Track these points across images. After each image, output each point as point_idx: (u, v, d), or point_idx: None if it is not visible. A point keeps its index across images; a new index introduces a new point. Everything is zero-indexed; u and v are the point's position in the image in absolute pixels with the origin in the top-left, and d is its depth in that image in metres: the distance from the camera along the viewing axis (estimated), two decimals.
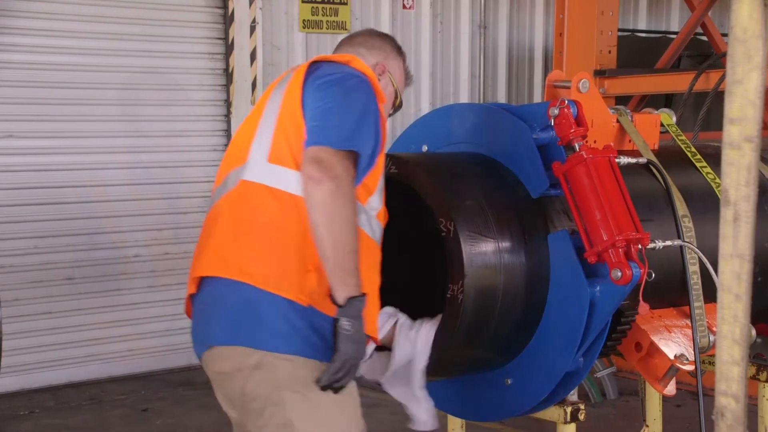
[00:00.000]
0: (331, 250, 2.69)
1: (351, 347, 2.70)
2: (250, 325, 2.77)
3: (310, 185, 2.69)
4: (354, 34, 3.28)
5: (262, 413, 2.80)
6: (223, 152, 7.74)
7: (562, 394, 3.26)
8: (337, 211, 2.68)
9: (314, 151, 2.73)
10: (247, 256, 2.79)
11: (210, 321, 2.87)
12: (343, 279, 2.71)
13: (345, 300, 2.70)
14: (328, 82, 2.86)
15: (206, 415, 6.61)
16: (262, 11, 7.87)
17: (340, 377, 2.71)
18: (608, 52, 7.26)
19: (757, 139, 1.69)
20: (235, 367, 2.81)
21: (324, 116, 2.79)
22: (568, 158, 3.17)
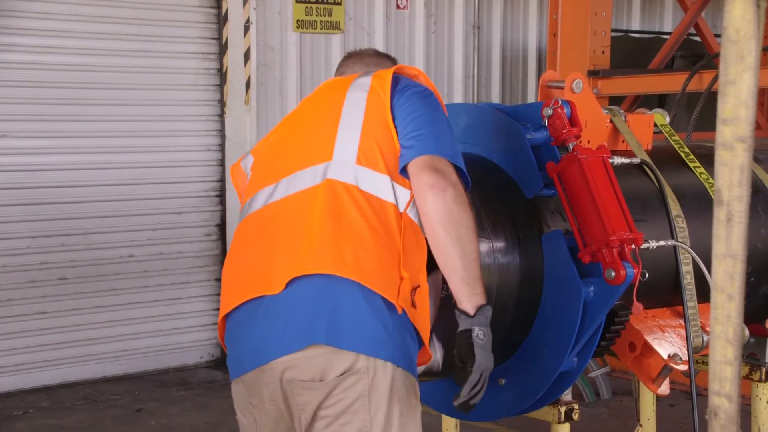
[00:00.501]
0: (459, 258, 2.64)
1: (486, 357, 2.67)
2: (349, 326, 2.62)
3: (433, 193, 2.65)
4: (362, 53, 3.27)
5: (335, 420, 2.66)
6: (217, 152, 7.81)
7: (556, 393, 3.26)
8: (463, 219, 2.65)
9: (428, 159, 2.70)
10: (348, 253, 2.65)
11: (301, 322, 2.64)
12: (472, 288, 2.67)
13: (476, 309, 2.67)
14: (417, 94, 2.84)
15: (200, 415, 6.61)
16: (256, 11, 7.86)
17: (478, 389, 2.67)
18: (602, 52, 7.26)
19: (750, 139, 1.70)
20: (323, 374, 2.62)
21: (425, 126, 2.77)
22: (562, 158, 3.17)
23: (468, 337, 2.67)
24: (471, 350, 2.66)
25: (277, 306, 2.69)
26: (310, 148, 2.86)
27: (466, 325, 2.67)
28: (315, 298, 2.65)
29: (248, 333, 2.75)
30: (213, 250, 7.95)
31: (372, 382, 2.63)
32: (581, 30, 7.22)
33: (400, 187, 2.76)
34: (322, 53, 8.26)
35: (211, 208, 7.94)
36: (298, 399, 2.70)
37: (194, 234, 7.87)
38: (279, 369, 2.68)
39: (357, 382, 2.63)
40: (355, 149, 2.77)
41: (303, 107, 3.09)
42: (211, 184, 7.91)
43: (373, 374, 2.63)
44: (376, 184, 2.74)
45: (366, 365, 2.63)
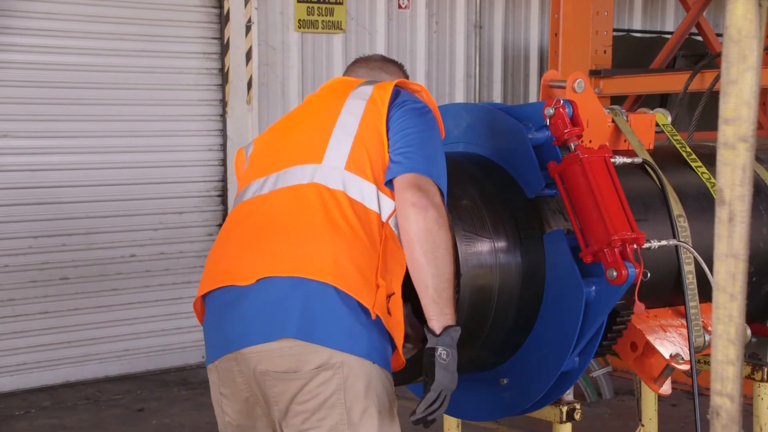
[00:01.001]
0: (431, 278, 2.68)
1: (447, 377, 2.69)
2: (324, 323, 2.66)
3: (414, 212, 2.69)
4: (368, 59, 3.30)
5: (312, 414, 2.69)
6: (218, 152, 7.81)
7: (558, 393, 3.26)
8: (441, 240, 2.69)
9: (413, 178, 2.75)
10: (327, 257, 2.69)
11: (273, 315, 2.69)
12: (441, 308, 2.70)
13: (442, 329, 2.69)
14: (414, 110, 2.87)
15: (202, 415, 6.61)
16: (258, 11, 7.87)
17: (435, 408, 2.68)
18: (603, 52, 7.26)
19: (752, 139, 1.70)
20: (298, 366, 2.66)
21: (416, 144, 2.81)
22: (564, 158, 3.17)
23: (431, 356, 2.70)
24: (432, 368, 2.69)
25: (250, 297, 2.73)
26: (303, 148, 2.90)
27: (432, 344, 2.71)
28: (287, 294, 2.69)
29: (221, 320, 2.81)
30: None
31: (347, 377, 2.67)
32: (583, 29, 7.22)
33: (385, 197, 2.80)
34: (323, 53, 8.26)
35: (213, 207, 7.94)
36: (273, 390, 2.73)
37: (196, 234, 7.88)
38: (253, 360, 2.72)
39: (332, 376, 2.66)
40: (346, 155, 2.82)
41: (306, 105, 3.13)
42: (212, 184, 7.92)
43: (349, 370, 2.66)
44: (362, 191, 2.78)
45: (341, 360, 2.66)
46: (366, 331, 2.69)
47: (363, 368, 2.68)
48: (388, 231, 2.78)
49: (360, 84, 3.00)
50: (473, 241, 3.11)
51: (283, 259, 2.72)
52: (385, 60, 3.30)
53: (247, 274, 2.75)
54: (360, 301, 2.68)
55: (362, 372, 2.68)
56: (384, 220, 2.78)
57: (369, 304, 2.69)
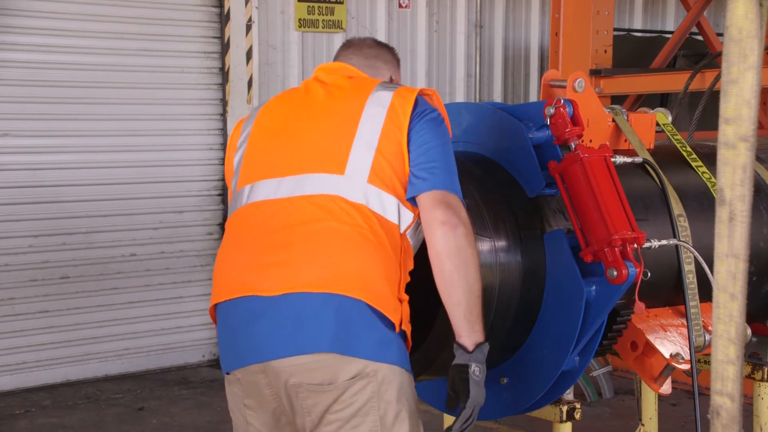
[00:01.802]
0: (463, 295, 2.69)
1: (479, 393, 2.72)
2: (357, 335, 2.67)
3: (444, 229, 2.69)
4: (361, 44, 3.21)
5: (346, 422, 2.70)
6: (219, 151, 7.81)
7: (558, 393, 3.26)
8: (472, 257, 2.71)
9: (442, 195, 2.75)
10: (356, 273, 2.70)
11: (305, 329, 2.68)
12: (473, 325, 2.72)
13: (474, 346, 2.71)
14: (433, 121, 2.85)
15: (202, 414, 6.61)
16: (258, 10, 7.87)
17: (469, 424, 2.71)
18: (604, 51, 7.26)
19: (753, 138, 1.70)
20: (333, 378, 2.67)
21: (439, 159, 2.80)
22: (564, 157, 3.17)
23: (464, 372, 2.71)
24: (466, 385, 2.71)
25: (277, 309, 2.70)
26: (322, 154, 2.84)
27: (464, 360, 2.72)
28: (320, 308, 2.68)
29: (243, 330, 2.76)
30: (215, 249, 7.94)
31: (381, 385, 2.68)
32: (583, 29, 7.21)
33: (405, 210, 2.80)
34: (324, 52, 8.26)
35: (213, 207, 7.94)
36: (306, 402, 2.71)
37: (196, 233, 7.88)
38: (284, 372, 2.70)
39: (366, 385, 2.68)
40: (368, 167, 2.79)
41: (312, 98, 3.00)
42: (212, 183, 7.91)
43: (382, 377, 2.68)
44: (383, 204, 2.77)
45: (375, 369, 2.68)
46: (395, 341, 2.72)
47: (395, 375, 2.71)
48: (405, 243, 2.80)
49: (378, 87, 2.93)
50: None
51: (312, 273, 2.70)
52: (378, 46, 3.22)
53: (273, 286, 2.72)
54: (388, 316, 2.70)
55: (395, 378, 2.71)
56: (402, 232, 2.78)
57: (396, 319, 2.72)
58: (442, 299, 2.74)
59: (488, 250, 3.13)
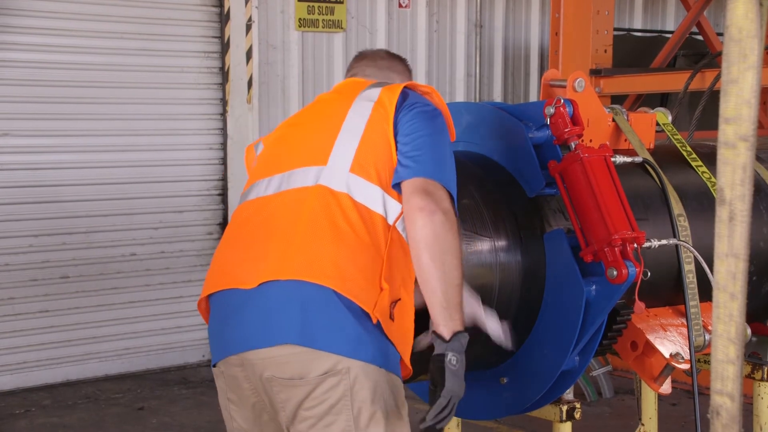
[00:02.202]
0: (439, 283, 2.64)
1: (456, 383, 2.66)
2: (327, 329, 2.64)
3: (421, 216, 2.65)
4: (374, 55, 3.24)
5: (319, 420, 2.68)
6: (219, 151, 7.81)
7: (558, 392, 3.26)
8: (449, 245, 2.65)
9: (422, 182, 2.71)
10: (327, 261, 2.67)
11: (274, 320, 2.67)
12: (450, 313, 2.66)
13: (452, 334, 2.66)
14: (424, 113, 2.84)
15: (202, 414, 6.61)
16: (258, 10, 7.86)
17: (445, 415, 2.66)
18: (604, 51, 7.26)
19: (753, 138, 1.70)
20: (304, 372, 2.65)
21: (425, 148, 2.77)
22: (564, 157, 3.17)
23: (441, 362, 2.67)
24: (442, 375, 2.66)
25: (252, 301, 2.72)
26: (309, 149, 2.88)
27: (441, 350, 2.67)
28: (287, 299, 2.67)
29: (224, 322, 2.81)
30: (215, 248, 7.91)
31: (354, 383, 2.65)
32: (583, 29, 7.21)
33: (392, 200, 2.77)
34: (324, 52, 8.26)
35: (213, 206, 7.94)
36: (279, 396, 2.72)
37: (196, 233, 7.87)
38: (258, 366, 2.71)
39: (339, 382, 2.64)
40: (351, 157, 2.79)
41: (315, 105, 3.10)
42: (212, 183, 7.91)
43: (355, 375, 2.64)
44: (367, 194, 2.75)
45: (347, 366, 2.64)
46: (370, 336, 2.66)
47: (369, 373, 2.66)
48: (395, 234, 2.75)
49: (369, 86, 2.97)
50: (473, 240, 3.12)
51: (284, 263, 2.70)
52: (391, 57, 3.26)
53: (250, 278, 2.74)
54: (359, 304, 2.65)
55: (369, 377, 2.66)
56: (391, 223, 2.75)
57: (369, 307, 2.66)
58: (421, 287, 2.70)
59: (488, 250, 3.13)
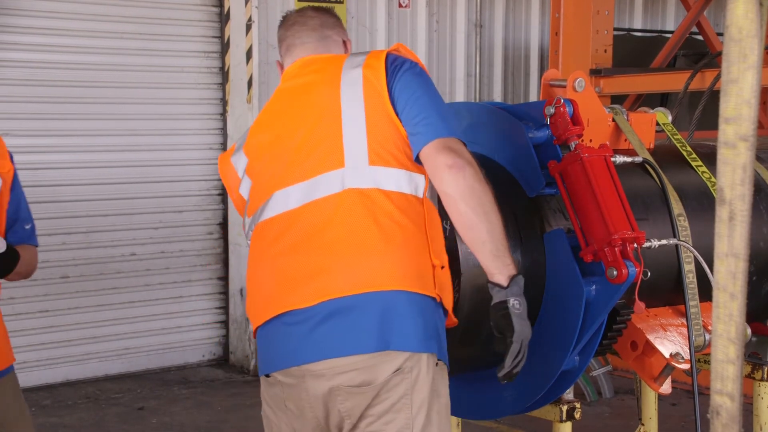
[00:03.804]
0: (486, 233, 2.65)
1: (524, 326, 2.69)
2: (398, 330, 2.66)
3: (452, 173, 2.65)
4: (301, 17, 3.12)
5: (378, 418, 2.69)
6: (219, 151, 7.81)
7: (558, 392, 3.26)
8: (485, 193, 2.67)
9: (442, 141, 2.70)
10: (383, 264, 2.69)
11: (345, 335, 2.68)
12: (503, 260, 2.68)
13: (509, 280, 2.68)
14: (410, 73, 2.83)
15: (202, 414, 6.61)
16: (258, 10, 7.86)
17: (520, 358, 2.69)
18: (604, 51, 7.26)
19: (753, 138, 1.69)
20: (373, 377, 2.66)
21: (429, 108, 2.77)
22: (564, 157, 3.17)
23: (504, 308, 2.69)
24: (509, 321, 2.68)
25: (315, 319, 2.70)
26: (319, 152, 2.82)
27: (501, 297, 2.69)
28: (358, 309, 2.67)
29: (283, 336, 2.77)
30: (215, 248, 7.95)
31: (415, 381, 2.68)
32: (583, 28, 7.21)
33: (416, 175, 2.78)
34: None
35: (213, 206, 7.94)
36: (344, 405, 2.71)
37: (196, 232, 7.88)
38: (325, 376, 2.70)
39: (402, 381, 2.67)
40: (365, 151, 2.76)
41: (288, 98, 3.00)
42: (212, 183, 7.91)
43: (417, 372, 2.68)
44: (393, 179, 2.75)
45: (411, 364, 2.67)
46: (434, 327, 2.71)
47: (430, 368, 2.70)
48: (427, 204, 2.78)
49: (345, 64, 2.90)
50: None
51: (345, 278, 2.70)
52: (319, 12, 3.14)
53: (307, 297, 2.72)
54: (425, 293, 2.69)
55: (428, 373, 2.70)
56: (421, 197, 2.77)
57: (431, 291, 2.70)
58: (466, 242, 2.72)
59: None
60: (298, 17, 3.13)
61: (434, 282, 2.73)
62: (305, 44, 3.07)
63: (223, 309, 8.01)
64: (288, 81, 3.06)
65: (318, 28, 3.09)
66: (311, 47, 3.06)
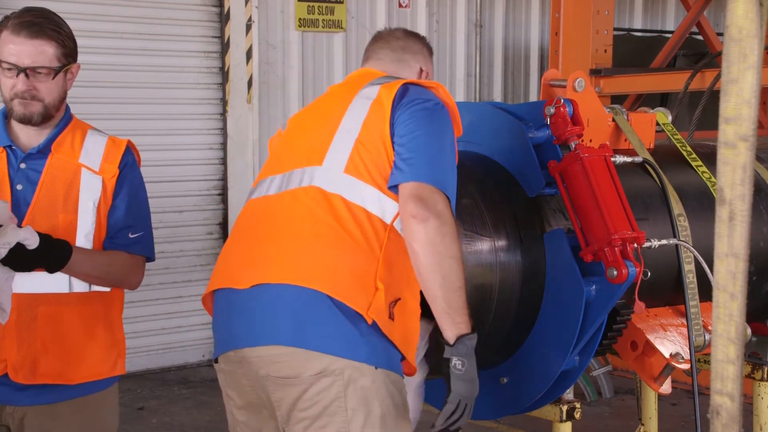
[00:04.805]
0: (439, 289, 2.62)
1: (464, 387, 2.66)
2: (319, 329, 2.64)
3: (414, 223, 2.61)
4: (388, 36, 3.17)
5: (313, 422, 2.67)
6: (219, 150, 7.81)
7: (558, 392, 3.26)
8: (445, 249, 2.61)
9: (414, 187, 2.67)
10: (319, 264, 2.68)
11: (267, 320, 2.69)
12: (453, 318, 2.64)
13: (455, 338, 2.64)
14: (422, 111, 2.78)
15: (202, 414, 6.61)
16: (258, 10, 7.86)
17: (456, 419, 2.66)
18: (604, 51, 7.26)
19: (753, 138, 1.69)
20: (297, 372, 2.65)
21: (420, 149, 2.73)
22: (564, 157, 3.17)
23: (446, 367, 2.67)
24: (448, 380, 2.66)
25: (245, 301, 2.75)
26: (306, 149, 2.87)
27: (446, 354, 2.67)
28: (280, 303, 2.69)
29: (224, 318, 2.86)
30: (215, 248, 7.95)
31: (348, 384, 2.63)
32: (583, 29, 7.22)
33: (389, 200, 2.74)
34: (324, 52, 8.26)
35: (213, 206, 7.94)
36: (274, 395, 2.74)
37: (196, 232, 7.88)
38: (254, 363, 2.73)
39: (332, 384, 2.63)
40: (345, 158, 2.77)
41: (325, 98, 3.09)
42: (213, 183, 7.91)
43: (349, 376, 2.63)
44: (361, 194, 2.73)
45: (341, 367, 2.63)
46: (364, 337, 2.65)
47: (364, 374, 2.64)
48: (393, 234, 2.73)
49: (371, 81, 2.93)
50: (473, 239, 3.12)
51: (276, 267, 2.72)
52: (407, 36, 3.18)
53: (245, 279, 2.76)
54: (352, 306, 2.64)
55: (363, 378, 2.64)
56: (388, 223, 2.73)
57: (362, 309, 2.65)
58: (424, 294, 2.69)
59: (488, 250, 3.13)
60: (386, 34, 3.19)
61: (369, 303, 2.66)
62: (379, 60, 3.12)
63: None
64: (339, 84, 3.14)
65: (398, 50, 3.13)
66: (383, 64, 3.10)
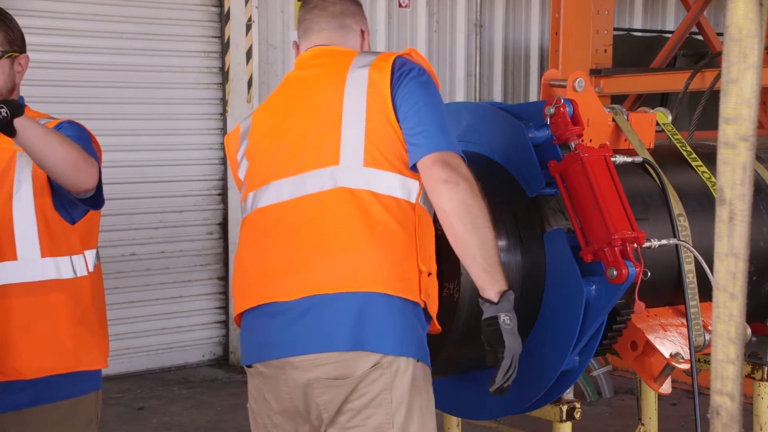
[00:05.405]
0: (478, 248, 2.68)
1: (516, 341, 2.71)
2: (375, 330, 2.68)
3: (446, 188, 2.67)
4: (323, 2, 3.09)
5: (358, 413, 2.71)
6: (219, 150, 7.81)
7: (558, 392, 3.26)
8: (478, 209, 2.68)
9: (437, 156, 2.72)
10: (367, 265, 2.70)
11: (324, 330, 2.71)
12: (493, 276, 2.71)
13: (499, 295, 2.71)
14: (416, 81, 2.82)
15: (202, 414, 6.61)
16: (258, 10, 7.86)
17: (511, 373, 2.71)
18: (604, 51, 7.26)
19: (753, 138, 1.69)
20: (351, 372, 2.69)
21: (428, 121, 2.77)
22: (564, 157, 3.17)
23: (495, 324, 2.71)
24: (500, 336, 2.70)
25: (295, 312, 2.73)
26: (316, 148, 2.83)
27: (492, 312, 2.71)
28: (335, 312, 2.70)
29: (264, 328, 2.80)
30: (215, 248, 7.95)
31: (394, 377, 2.69)
32: (583, 28, 7.22)
33: (411, 180, 2.78)
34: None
35: (213, 206, 7.94)
36: (321, 398, 2.74)
37: (196, 232, 7.88)
38: (302, 369, 2.72)
39: (380, 376, 2.69)
40: (361, 152, 2.77)
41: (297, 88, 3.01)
42: (213, 183, 7.92)
43: (396, 369, 2.69)
44: (386, 183, 2.75)
45: (389, 360, 2.69)
46: (413, 331, 2.73)
47: (408, 367, 2.71)
48: (420, 211, 2.78)
49: (352, 65, 2.89)
50: None
51: (323, 275, 2.72)
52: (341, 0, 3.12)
53: (286, 290, 2.75)
54: (408, 297, 2.71)
55: (408, 371, 2.71)
56: (414, 202, 2.77)
57: (416, 296, 2.72)
58: (459, 256, 2.74)
59: None
60: (320, 3, 3.11)
61: (419, 288, 2.74)
62: (323, 30, 3.06)
63: (223, 309, 8.01)
64: (298, 70, 3.06)
65: (338, 15, 3.09)
66: (327, 35, 3.05)
